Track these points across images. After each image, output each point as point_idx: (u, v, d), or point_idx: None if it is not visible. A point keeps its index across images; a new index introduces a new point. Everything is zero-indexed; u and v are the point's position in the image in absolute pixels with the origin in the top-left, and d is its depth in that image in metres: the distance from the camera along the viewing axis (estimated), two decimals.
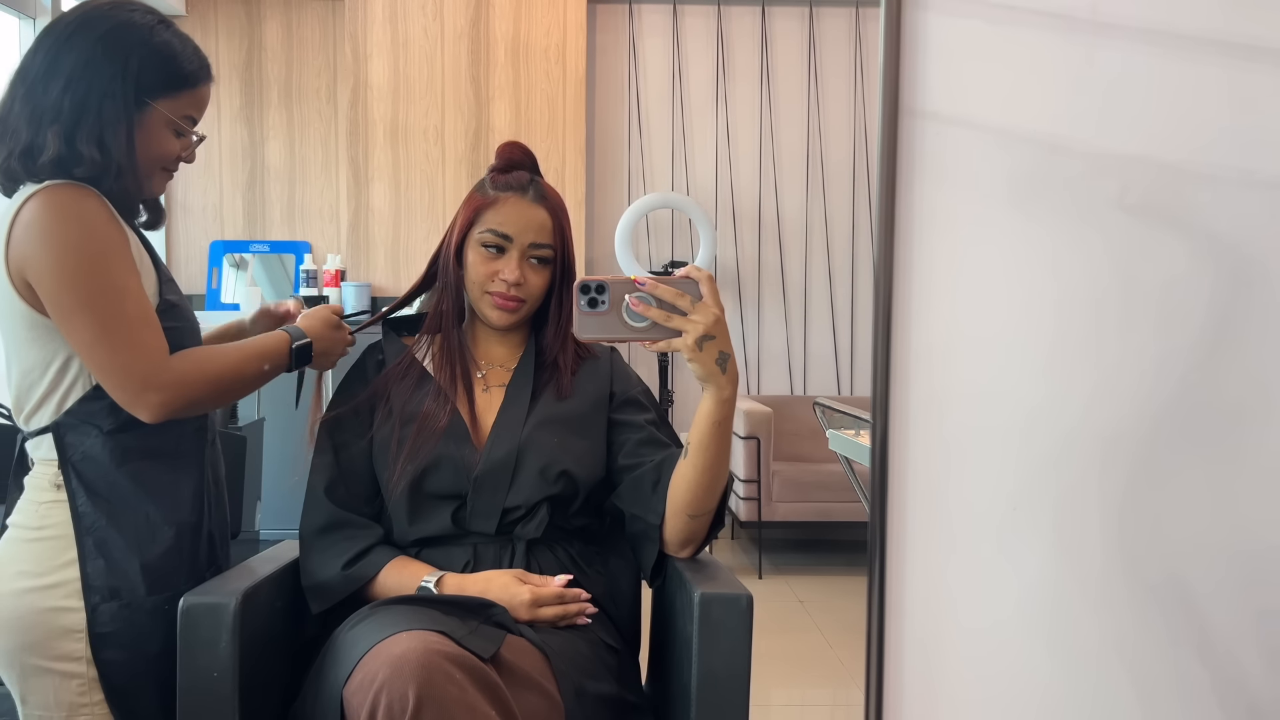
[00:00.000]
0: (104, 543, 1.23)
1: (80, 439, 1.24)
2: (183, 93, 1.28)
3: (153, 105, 1.25)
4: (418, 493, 1.34)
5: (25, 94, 1.21)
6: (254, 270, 4.41)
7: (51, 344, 1.22)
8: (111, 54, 1.21)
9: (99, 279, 1.18)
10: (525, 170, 1.42)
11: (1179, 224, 1.15)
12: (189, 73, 1.28)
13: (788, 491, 3.92)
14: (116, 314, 1.18)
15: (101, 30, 1.22)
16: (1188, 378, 1.15)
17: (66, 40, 1.22)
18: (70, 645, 1.22)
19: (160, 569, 1.26)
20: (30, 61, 1.22)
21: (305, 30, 4.40)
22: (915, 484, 1.22)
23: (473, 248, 1.40)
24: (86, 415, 1.24)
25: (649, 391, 1.49)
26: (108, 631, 1.23)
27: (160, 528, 1.27)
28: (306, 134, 4.42)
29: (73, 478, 1.24)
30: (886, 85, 1.19)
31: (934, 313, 1.21)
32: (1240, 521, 1.14)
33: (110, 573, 1.23)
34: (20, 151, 1.20)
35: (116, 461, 1.25)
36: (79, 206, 1.18)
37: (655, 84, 4.51)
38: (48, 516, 1.23)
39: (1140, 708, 1.18)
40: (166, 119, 1.26)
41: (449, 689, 1.03)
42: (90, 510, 1.23)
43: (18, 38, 3.99)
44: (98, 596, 1.22)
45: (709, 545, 1.39)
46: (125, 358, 1.18)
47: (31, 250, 1.17)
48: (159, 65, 1.24)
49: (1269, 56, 1.10)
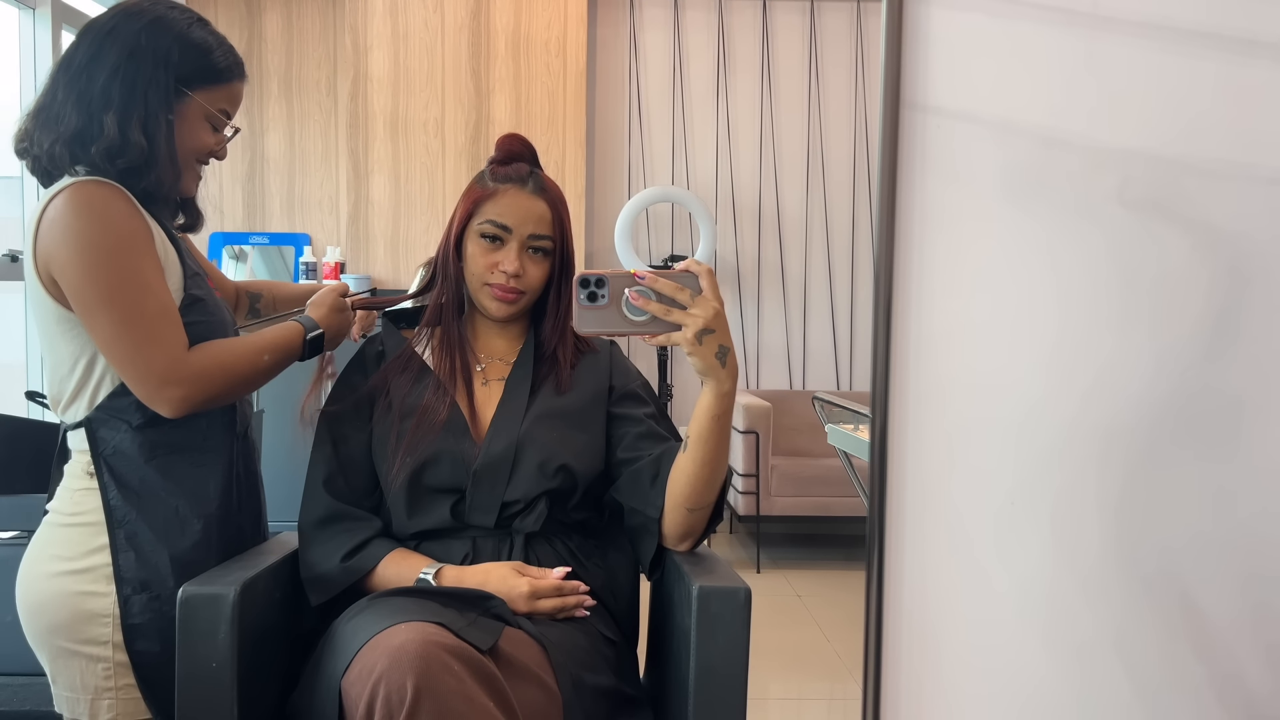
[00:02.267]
0: (134, 536, 1.26)
1: (111, 434, 1.27)
2: (219, 87, 1.31)
3: (191, 96, 1.28)
4: (416, 486, 1.35)
5: (69, 82, 1.24)
6: (254, 262, 4.41)
7: (79, 339, 1.24)
8: (154, 44, 1.25)
9: (119, 274, 1.20)
10: (525, 162, 1.42)
11: (1177, 218, 1.15)
12: (224, 67, 1.31)
13: (786, 486, 3.92)
14: (136, 309, 1.20)
15: (144, 22, 1.26)
16: (1185, 372, 1.15)
17: (109, 33, 1.25)
18: (96, 630, 1.24)
19: (189, 562, 1.28)
20: (73, 54, 1.26)
21: (305, 22, 4.39)
22: (914, 479, 1.22)
23: (472, 239, 1.40)
24: (116, 411, 1.26)
25: (648, 385, 1.49)
26: (139, 623, 1.25)
27: (189, 521, 1.29)
28: (306, 126, 4.41)
29: (104, 471, 1.26)
30: (888, 79, 1.19)
31: (934, 307, 1.21)
32: (1237, 515, 1.15)
33: (141, 565, 1.26)
34: (70, 137, 1.22)
35: (145, 456, 1.27)
36: (102, 202, 1.20)
37: (656, 78, 4.50)
38: (81, 503, 1.26)
39: (1136, 699, 1.18)
40: (205, 111, 1.30)
41: (447, 680, 1.03)
42: (121, 504, 1.26)
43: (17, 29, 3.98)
44: (129, 588, 1.25)
45: (707, 539, 1.39)
46: (145, 353, 1.20)
47: (55, 247, 1.19)
48: (196, 58, 1.28)
49: (1267, 52, 1.10)
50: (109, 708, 1.26)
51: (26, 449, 2.06)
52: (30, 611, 1.26)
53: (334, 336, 1.43)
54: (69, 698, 1.27)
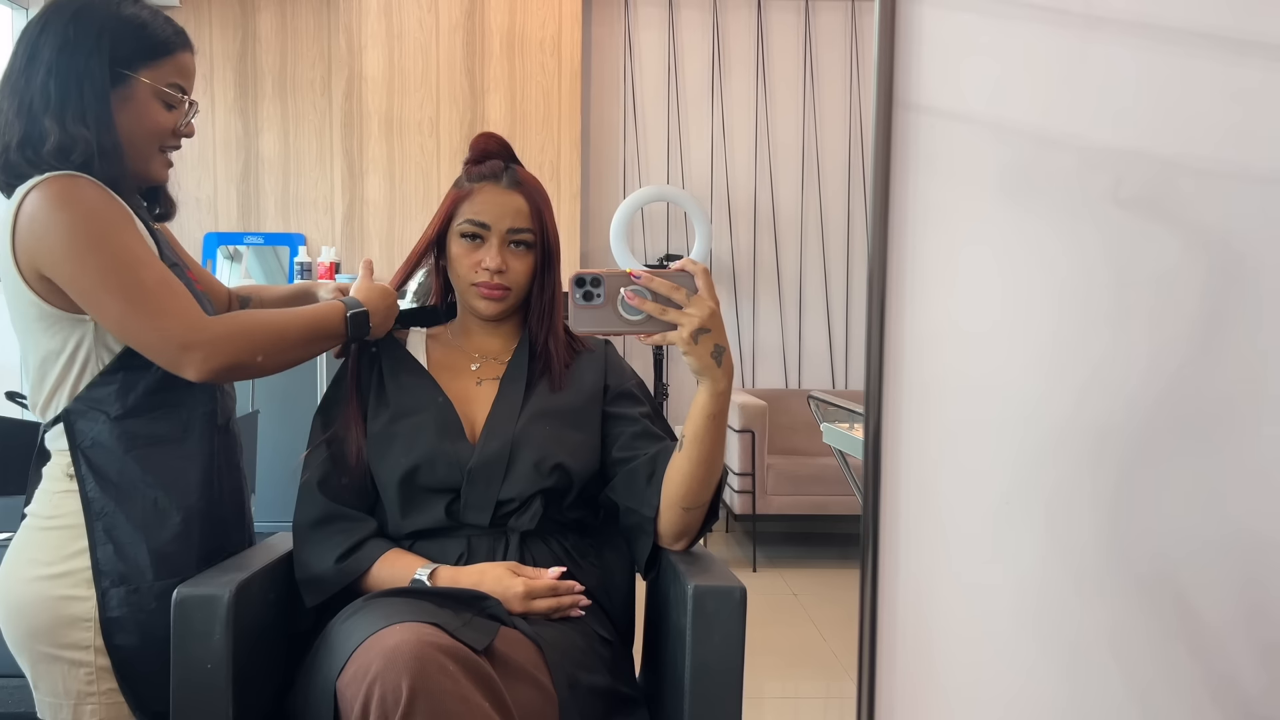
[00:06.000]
0: (113, 528, 1.25)
1: (90, 425, 1.25)
2: (161, 61, 1.27)
3: (134, 77, 1.25)
4: (411, 486, 1.34)
5: (9, 90, 1.23)
6: (248, 262, 4.40)
7: (62, 333, 1.23)
8: (82, 34, 1.22)
9: (111, 255, 1.18)
10: (499, 159, 1.43)
11: (1172, 218, 1.15)
12: (162, 40, 1.28)
13: (782, 484, 3.92)
14: (135, 283, 1.18)
15: (69, 13, 1.23)
16: (1180, 372, 1.15)
17: (40, 31, 1.23)
18: (78, 634, 1.23)
19: (169, 554, 1.27)
20: (12, 60, 1.24)
21: (299, 22, 4.38)
22: (909, 477, 1.22)
23: (454, 240, 1.40)
24: (95, 401, 1.25)
25: (643, 384, 1.49)
26: (117, 616, 1.24)
27: (168, 513, 1.28)
28: (301, 126, 4.41)
29: (83, 464, 1.25)
30: (881, 78, 1.19)
31: (928, 306, 1.21)
32: (1232, 515, 1.15)
33: (119, 558, 1.24)
34: (18, 144, 1.21)
35: (124, 447, 1.26)
36: (75, 191, 1.18)
37: (651, 77, 4.50)
38: (60, 506, 1.25)
39: (1131, 700, 1.18)
40: (153, 89, 1.27)
41: (442, 681, 1.03)
42: (99, 496, 1.25)
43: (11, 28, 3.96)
44: (107, 581, 1.24)
45: (703, 538, 1.39)
46: (158, 324, 1.18)
47: (39, 243, 1.18)
48: (129, 36, 1.25)
49: (1262, 51, 1.11)
50: (92, 713, 1.24)
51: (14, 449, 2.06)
52: (9, 616, 1.25)
53: (380, 322, 1.38)
54: (51, 703, 1.25)
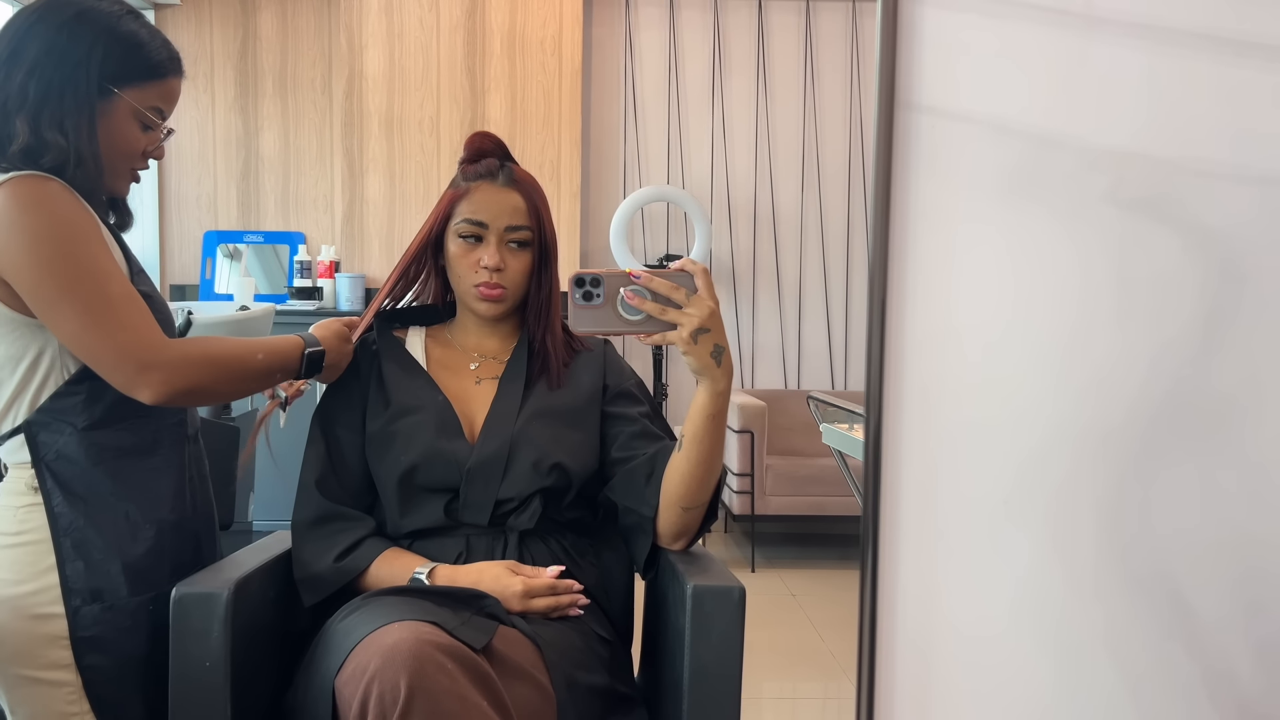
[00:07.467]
0: (83, 544, 1.19)
1: (54, 437, 1.20)
2: (149, 84, 1.24)
3: (118, 94, 1.21)
4: (410, 486, 1.34)
5: None
6: (248, 261, 4.40)
7: (22, 340, 1.18)
8: (74, 41, 1.18)
9: (77, 264, 1.13)
10: (494, 157, 1.42)
11: (1172, 219, 1.15)
12: (155, 63, 1.24)
13: (781, 485, 3.92)
14: (100, 297, 1.14)
15: (65, 17, 1.19)
16: (1179, 372, 1.15)
17: (30, 28, 1.19)
18: (56, 653, 1.18)
19: (142, 569, 1.23)
20: None
21: (300, 20, 4.38)
22: (908, 478, 1.22)
23: (452, 240, 1.40)
24: (59, 412, 1.20)
25: (643, 384, 1.49)
26: (90, 635, 1.19)
27: (141, 527, 1.23)
28: (301, 124, 4.41)
29: (48, 478, 1.19)
30: (882, 79, 1.19)
31: (928, 307, 1.21)
32: (1230, 513, 1.15)
33: (90, 574, 1.19)
34: None
35: (93, 460, 1.21)
36: (45, 195, 1.14)
37: (651, 77, 4.50)
38: (25, 521, 1.19)
39: (1130, 700, 1.18)
40: (133, 109, 1.23)
41: (440, 679, 1.03)
42: (67, 511, 1.19)
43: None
44: (79, 599, 1.19)
45: (702, 538, 1.39)
46: (118, 340, 1.14)
47: (2, 245, 1.13)
48: (124, 54, 1.21)
49: (1261, 52, 1.11)
50: None
51: None
52: None
53: (335, 365, 1.37)
54: None
